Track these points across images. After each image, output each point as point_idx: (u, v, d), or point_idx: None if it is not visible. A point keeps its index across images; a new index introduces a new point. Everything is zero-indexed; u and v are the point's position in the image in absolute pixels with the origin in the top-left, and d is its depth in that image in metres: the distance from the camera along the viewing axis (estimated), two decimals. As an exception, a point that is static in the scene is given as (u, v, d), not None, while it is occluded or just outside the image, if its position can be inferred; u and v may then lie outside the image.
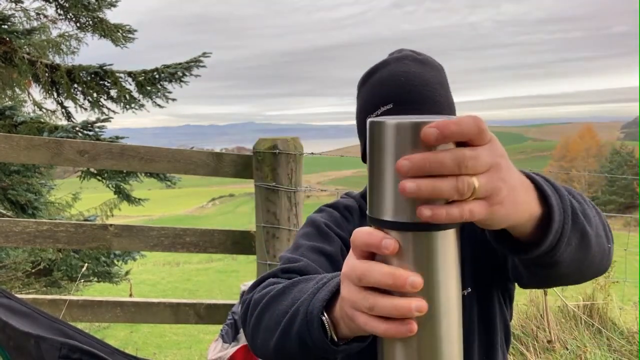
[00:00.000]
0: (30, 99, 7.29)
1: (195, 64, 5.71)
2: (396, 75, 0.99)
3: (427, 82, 0.99)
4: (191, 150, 2.27)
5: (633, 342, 3.08)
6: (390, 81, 0.99)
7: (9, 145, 2.09)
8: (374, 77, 1.03)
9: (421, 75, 0.99)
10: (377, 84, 1.01)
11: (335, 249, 1.00)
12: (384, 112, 0.98)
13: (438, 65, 1.04)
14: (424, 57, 1.03)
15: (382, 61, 1.04)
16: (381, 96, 0.99)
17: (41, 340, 1.02)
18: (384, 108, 0.98)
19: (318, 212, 1.15)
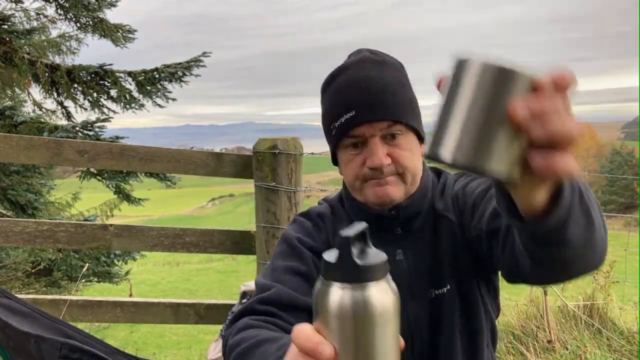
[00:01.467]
0: (30, 98, 7.29)
1: (195, 63, 5.72)
2: (356, 81, 0.99)
3: (387, 85, 0.99)
4: (191, 150, 2.27)
5: (633, 342, 3.08)
6: (350, 88, 0.99)
7: (8, 145, 2.09)
8: (335, 83, 1.03)
9: (380, 78, 0.99)
10: (338, 92, 1.02)
11: (308, 266, 1.05)
12: (347, 119, 0.99)
13: (397, 64, 1.05)
14: (381, 58, 1.03)
15: (342, 66, 1.04)
16: (343, 104, 1.00)
17: (41, 340, 1.02)
18: (346, 115, 0.99)
19: (292, 223, 1.19)
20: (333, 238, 1.12)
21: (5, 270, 5.06)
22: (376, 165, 0.99)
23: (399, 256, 1.07)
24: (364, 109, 0.97)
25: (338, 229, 1.07)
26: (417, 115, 1.04)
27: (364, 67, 1.01)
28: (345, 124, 0.99)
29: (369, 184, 1.02)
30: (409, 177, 1.03)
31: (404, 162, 1.01)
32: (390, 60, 1.05)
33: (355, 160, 1.03)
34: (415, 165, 1.04)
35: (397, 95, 0.99)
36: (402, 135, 1.01)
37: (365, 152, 1.01)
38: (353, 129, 0.99)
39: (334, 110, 1.02)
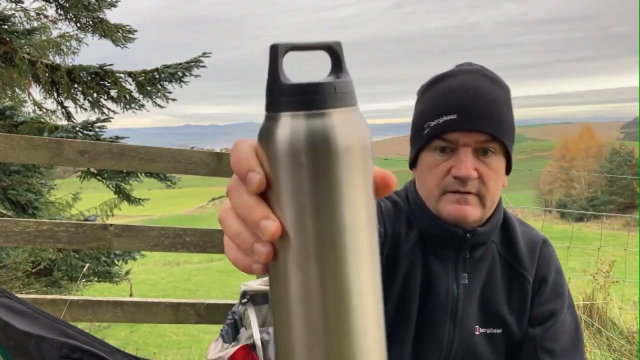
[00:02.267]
0: (31, 99, 7.30)
1: (196, 64, 5.71)
2: (466, 87, 0.96)
3: (496, 101, 0.96)
4: (191, 150, 2.27)
5: (633, 342, 3.08)
6: (458, 92, 0.96)
7: (9, 145, 2.09)
8: (441, 84, 1.00)
9: (491, 92, 0.97)
10: (444, 92, 0.98)
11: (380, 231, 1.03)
12: (447, 121, 0.95)
13: (506, 87, 1.02)
14: (493, 75, 1.01)
15: (451, 71, 1.02)
16: (447, 105, 0.96)
17: (41, 340, 1.02)
18: (446, 117, 0.95)
19: None
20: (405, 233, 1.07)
21: (6, 270, 5.06)
22: (462, 175, 0.94)
23: (463, 280, 1.04)
24: (466, 115, 0.94)
25: (397, 227, 1.07)
26: (512, 142, 1.00)
27: (476, 77, 0.98)
28: (443, 125, 0.95)
29: (448, 199, 0.98)
30: (488, 202, 0.99)
31: (489, 182, 0.97)
32: (501, 80, 1.02)
33: (440, 166, 0.98)
34: (497, 190, 1.00)
35: (502, 113, 0.96)
36: (495, 155, 0.97)
37: (452, 160, 0.96)
38: (449, 132, 0.95)
39: (435, 110, 0.98)
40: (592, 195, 39.43)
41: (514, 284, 1.06)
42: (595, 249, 3.72)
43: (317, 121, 0.34)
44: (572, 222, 23.86)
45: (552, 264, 1.10)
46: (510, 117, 0.98)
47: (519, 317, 1.05)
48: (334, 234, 0.34)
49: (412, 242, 1.06)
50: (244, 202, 0.36)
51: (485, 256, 1.06)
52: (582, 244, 5.20)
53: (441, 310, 1.04)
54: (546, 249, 1.11)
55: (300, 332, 0.35)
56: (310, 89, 0.34)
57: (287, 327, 0.35)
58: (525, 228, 1.13)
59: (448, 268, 1.04)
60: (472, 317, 1.04)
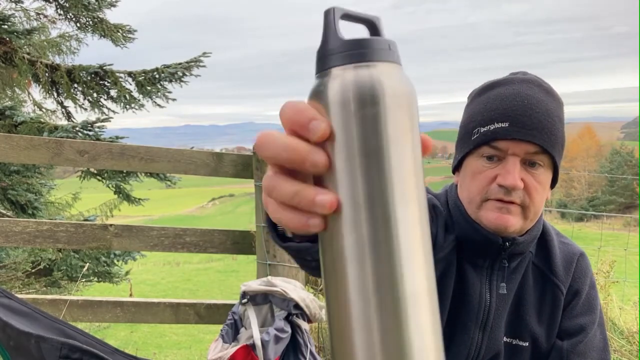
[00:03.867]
0: (30, 99, 7.30)
1: (195, 63, 5.71)
2: (520, 96, 0.94)
3: (550, 113, 0.94)
4: (191, 150, 2.27)
5: (633, 342, 3.08)
6: (512, 100, 0.94)
7: (9, 145, 2.09)
8: (494, 91, 0.98)
9: (545, 104, 0.94)
10: (497, 99, 0.95)
11: None
12: (498, 128, 0.93)
13: (560, 99, 1.00)
14: (548, 87, 0.99)
15: (505, 78, 0.99)
16: (499, 112, 0.94)
17: (41, 340, 1.02)
18: (498, 125, 0.93)
19: None
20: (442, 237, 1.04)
21: (6, 270, 5.06)
22: (509, 184, 0.92)
23: (501, 290, 1.03)
24: (519, 124, 0.92)
25: (433, 230, 1.03)
26: (560, 156, 0.98)
27: (531, 87, 0.95)
28: (493, 132, 0.93)
29: (490, 206, 0.96)
30: (531, 214, 0.97)
31: (534, 194, 0.95)
32: (555, 93, 0.99)
33: (485, 173, 0.96)
34: (540, 204, 0.98)
35: (555, 126, 0.94)
36: (543, 168, 0.95)
37: (499, 168, 0.94)
38: (499, 140, 0.93)
39: (486, 115, 0.95)
40: (592, 195, 39.43)
41: (547, 294, 1.05)
42: (596, 249, 3.72)
43: (365, 71, 0.35)
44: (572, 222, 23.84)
45: (587, 278, 1.09)
46: (562, 131, 0.96)
47: (548, 328, 1.05)
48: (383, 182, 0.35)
49: (449, 248, 1.04)
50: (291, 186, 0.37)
51: (520, 266, 1.05)
52: (582, 244, 5.20)
53: (472, 318, 1.03)
54: (583, 262, 1.10)
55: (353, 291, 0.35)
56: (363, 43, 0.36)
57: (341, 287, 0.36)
58: (564, 240, 1.12)
59: (483, 276, 1.03)
60: (501, 327, 1.04)
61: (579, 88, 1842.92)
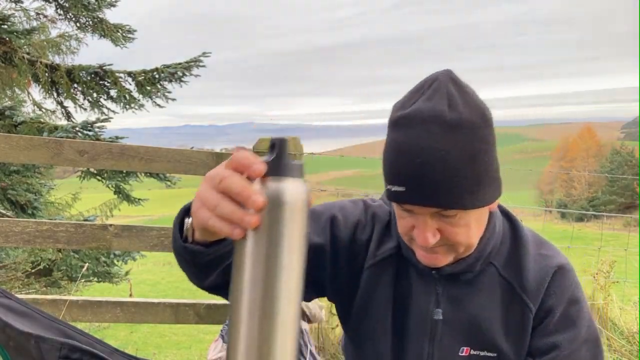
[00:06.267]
0: (30, 99, 7.30)
1: (195, 63, 5.71)
2: (414, 150, 0.85)
3: (448, 164, 0.83)
4: (191, 150, 2.27)
5: (633, 342, 3.08)
6: (406, 157, 0.86)
7: (8, 145, 2.09)
8: (395, 136, 0.89)
9: (442, 152, 0.83)
10: (394, 152, 0.88)
11: (318, 242, 1.02)
12: (396, 192, 0.87)
13: (475, 121, 0.86)
14: (456, 116, 0.84)
15: (409, 113, 0.87)
16: (395, 173, 0.88)
17: (41, 340, 1.02)
18: (397, 188, 0.87)
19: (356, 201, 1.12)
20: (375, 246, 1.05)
21: (5, 270, 5.06)
22: (420, 244, 0.90)
23: (437, 315, 1.00)
24: (414, 189, 0.85)
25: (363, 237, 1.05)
26: (485, 188, 0.88)
27: (429, 130, 0.84)
28: (395, 195, 0.88)
29: (417, 246, 0.94)
30: (461, 249, 0.93)
31: (457, 238, 0.90)
32: (467, 117, 0.85)
33: (404, 221, 0.93)
34: (473, 236, 0.92)
35: (458, 175, 0.84)
36: (458, 214, 0.88)
37: (414, 220, 0.90)
38: (403, 203, 0.89)
39: (387, 171, 0.90)
40: (592, 196, 39.44)
41: (514, 311, 0.99)
42: (596, 249, 3.72)
43: (276, 183, 0.57)
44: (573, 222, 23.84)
45: (564, 294, 0.99)
46: (474, 168, 0.85)
47: (516, 345, 0.99)
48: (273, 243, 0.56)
49: (382, 256, 1.04)
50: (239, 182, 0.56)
51: (479, 278, 1.00)
52: (583, 244, 5.20)
53: (419, 328, 1.01)
54: (560, 277, 1.00)
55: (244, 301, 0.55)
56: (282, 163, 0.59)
57: (237, 290, 0.56)
58: (544, 251, 1.02)
59: (429, 285, 1.01)
60: (457, 339, 1.00)
61: (579, 88, 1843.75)
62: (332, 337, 2.71)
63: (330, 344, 2.73)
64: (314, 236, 1.01)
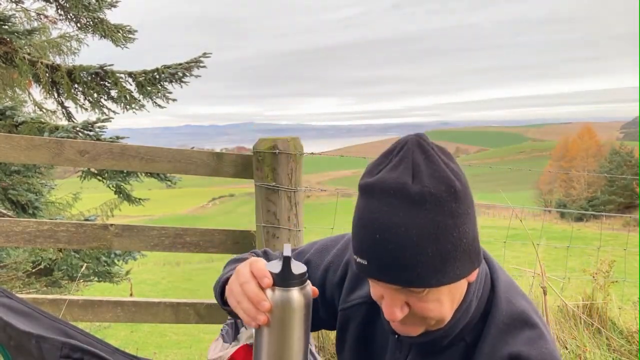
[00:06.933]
0: (31, 99, 7.31)
1: (196, 64, 5.72)
2: (373, 226, 0.81)
3: (409, 241, 0.78)
4: (191, 150, 2.27)
5: (633, 342, 3.09)
6: (367, 231, 0.82)
7: (9, 145, 2.10)
8: (362, 202, 0.85)
9: (404, 229, 0.78)
10: (360, 222, 0.84)
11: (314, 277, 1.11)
12: (361, 264, 0.84)
13: (441, 195, 0.79)
14: (418, 189, 0.79)
15: (373, 182, 0.83)
16: (359, 245, 0.84)
17: (42, 339, 1.02)
18: (361, 260, 0.84)
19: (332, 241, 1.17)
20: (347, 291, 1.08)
21: (6, 270, 5.06)
22: (388, 318, 0.87)
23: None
24: (376, 265, 0.82)
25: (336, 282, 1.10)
26: (454, 265, 0.82)
27: (390, 204, 0.79)
28: (360, 267, 0.85)
29: None
30: (432, 322, 0.88)
31: (427, 314, 0.86)
32: (432, 190, 0.79)
33: (374, 288, 0.89)
34: (445, 313, 0.87)
35: (422, 254, 0.79)
36: (427, 290, 0.83)
37: (383, 290, 0.86)
38: (366, 276, 0.86)
39: (353, 241, 0.87)
40: (591, 195, 39.43)
41: None
42: (595, 248, 3.72)
43: (285, 292, 0.85)
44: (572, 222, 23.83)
45: None
46: (440, 245, 0.79)
47: None
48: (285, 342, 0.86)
49: (353, 303, 1.07)
50: (254, 289, 0.85)
51: (446, 353, 0.95)
52: (582, 244, 5.21)
53: None
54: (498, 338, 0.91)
55: None
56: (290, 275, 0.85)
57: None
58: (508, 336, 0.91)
59: (393, 346, 1.00)
60: None
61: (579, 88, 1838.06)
62: (332, 336, 2.71)
63: (330, 343, 2.74)
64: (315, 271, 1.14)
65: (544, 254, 3.51)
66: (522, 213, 3.65)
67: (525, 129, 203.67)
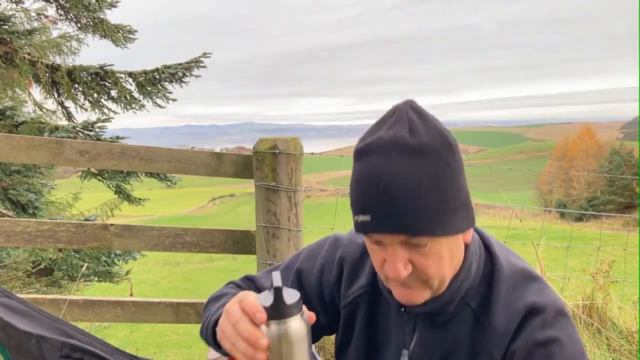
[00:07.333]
0: (31, 99, 7.32)
1: (196, 64, 5.72)
2: (375, 178, 0.82)
3: (411, 188, 0.81)
4: (191, 150, 2.27)
5: (632, 342, 3.09)
6: (368, 186, 0.83)
7: (9, 145, 2.10)
8: (358, 164, 0.87)
9: (405, 177, 0.81)
10: (358, 182, 0.86)
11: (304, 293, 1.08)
12: (363, 222, 0.85)
13: (437, 147, 0.84)
14: (416, 142, 0.82)
15: (370, 142, 0.86)
16: (360, 202, 0.85)
17: (42, 339, 1.02)
18: (363, 217, 0.85)
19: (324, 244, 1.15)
20: (346, 286, 1.08)
21: (6, 270, 5.06)
22: (392, 277, 0.88)
23: (403, 358, 1.00)
24: (380, 217, 0.83)
25: (333, 282, 1.10)
26: (453, 215, 0.85)
27: (390, 156, 0.82)
28: (362, 226, 0.86)
29: (393, 283, 0.92)
30: (435, 284, 0.90)
31: (428, 271, 0.87)
32: (429, 141, 0.83)
33: (375, 255, 0.91)
34: (446, 270, 0.89)
35: (423, 199, 0.81)
36: (429, 243, 0.85)
37: (385, 252, 0.88)
38: (370, 233, 0.87)
39: (353, 203, 0.88)
40: (591, 195, 39.44)
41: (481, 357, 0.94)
42: (595, 248, 3.72)
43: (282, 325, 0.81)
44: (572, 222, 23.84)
45: (531, 336, 0.90)
46: (439, 194, 0.82)
47: None
48: None
49: (354, 295, 1.07)
50: (247, 327, 0.80)
51: (453, 322, 0.96)
52: (582, 244, 5.21)
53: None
54: (529, 319, 0.91)
55: None
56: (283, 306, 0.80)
57: None
58: (519, 292, 0.94)
59: (401, 323, 1.01)
60: None
61: (579, 88, 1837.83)
62: (332, 336, 2.71)
63: (330, 343, 2.74)
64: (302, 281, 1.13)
65: (544, 254, 3.51)
66: (522, 213, 3.65)
67: (525, 129, 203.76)
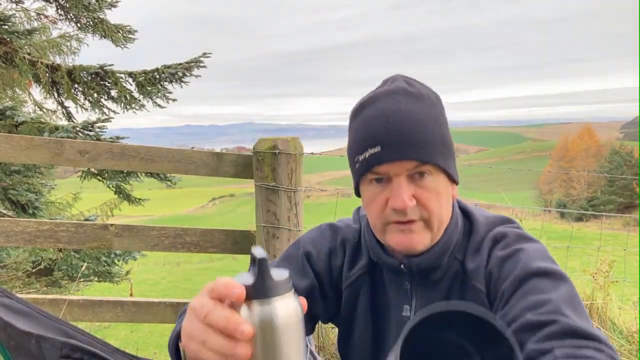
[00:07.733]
0: (31, 99, 7.32)
1: (196, 64, 5.72)
2: (384, 114, 0.92)
3: (419, 121, 0.91)
4: (191, 150, 2.28)
5: (632, 342, 3.09)
6: (378, 121, 0.92)
7: (9, 145, 2.10)
8: (363, 113, 0.96)
9: (412, 113, 0.92)
10: (365, 123, 0.94)
11: (306, 284, 1.08)
12: (372, 154, 0.92)
13: (433, 97, 0.97)
14: (416, 90, 0.95)
15: (372, 95, 0.97)
16: (369, 138, 0.92)
17: (42, 339, 1.02)
18: (372, 150, 0.92)
19: (316, 231, 1.16)
20: (348, 267, 1.11)
21: (6, 270, 5.06)
22: (399, 207, 0.92)
23: (405, 312, 1.03)
24: (390, 146, 0.90)
25: (336, 264, 1.11)
26: (449, 156, 0.96)
27: (396, 98, 0.93)
28: (370, 159, 0.92)
29: (392, 229, 0.96)
30: (435, 223, 0.96)
31: (430, 205, 0.94)
32: (426, 92, 0.96)
33: (378, 198, 0.96)
34: (443, 210, 0.96)
35: (429, 132, 0.92)
36: (431, 176, 0.93)
37: (388, 191, 0.94)
38: (377, 165, 0.92)
39: (359, 143, 0.94)
40: (591, 195, 39.44)
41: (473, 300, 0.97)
42: (595, 249, 3.72)
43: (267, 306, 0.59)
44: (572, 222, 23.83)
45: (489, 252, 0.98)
46: (440, 132, 0.94)
47: None
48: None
49: (356, 275, 1.09)
50: (223, 315, 0.58)
51: (446, 276, 1.02)
52: (582, 244, 5.22)
53: (395, 333, 1.04)
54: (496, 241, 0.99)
55: None
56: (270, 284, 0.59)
57: None
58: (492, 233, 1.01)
59: (403, 293, 1.04)
60: None
61: (579, 88, 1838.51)
62: (332, 336, 2.71)
63: (330, 343, 2.74)
64: (300, 281, 1.08)
65: (544, 254, 3.50)
66: (522, 213, 3.65)
67: (525, 129, 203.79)
